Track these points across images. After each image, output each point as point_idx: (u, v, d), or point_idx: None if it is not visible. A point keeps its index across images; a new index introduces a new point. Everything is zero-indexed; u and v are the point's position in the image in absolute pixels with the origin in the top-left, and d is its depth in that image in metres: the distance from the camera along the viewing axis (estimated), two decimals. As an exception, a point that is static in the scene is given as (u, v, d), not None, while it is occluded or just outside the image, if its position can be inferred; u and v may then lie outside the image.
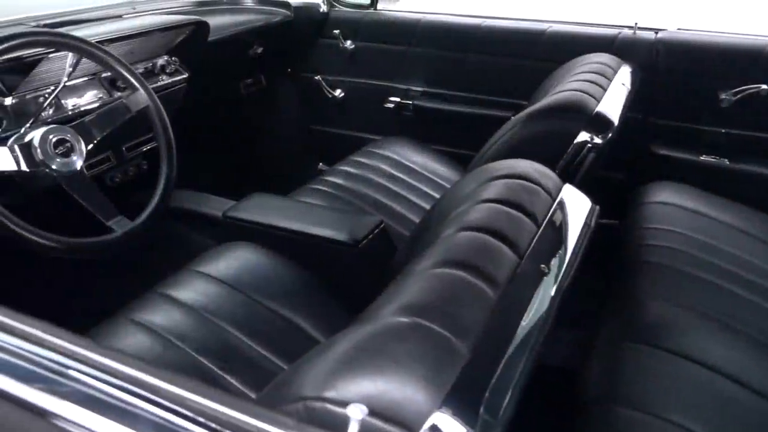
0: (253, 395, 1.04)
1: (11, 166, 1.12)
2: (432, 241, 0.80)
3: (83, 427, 0.51)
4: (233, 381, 1.05)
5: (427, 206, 1.68)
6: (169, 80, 1.66)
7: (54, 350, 0.57)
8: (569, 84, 1.33)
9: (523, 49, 1.92)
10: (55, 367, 0.56)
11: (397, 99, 2.15)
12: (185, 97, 1.74)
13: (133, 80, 1.32)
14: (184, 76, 1.71)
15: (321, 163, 2.44)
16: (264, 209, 1.43)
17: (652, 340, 1.10)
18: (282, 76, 2.37)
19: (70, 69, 1.27)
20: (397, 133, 2.10)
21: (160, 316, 1.15)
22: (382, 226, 1.36)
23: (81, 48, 1.25)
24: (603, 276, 1.40)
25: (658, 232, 1.46)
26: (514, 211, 0.79)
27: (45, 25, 1.55)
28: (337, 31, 2.15)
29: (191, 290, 1.22)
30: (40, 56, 1.26)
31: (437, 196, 1.75)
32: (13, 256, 1.45)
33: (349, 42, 2.17)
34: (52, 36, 1.21)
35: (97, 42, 1.32)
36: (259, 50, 2.15)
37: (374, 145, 1.97)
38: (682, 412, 0.95)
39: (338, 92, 2.27)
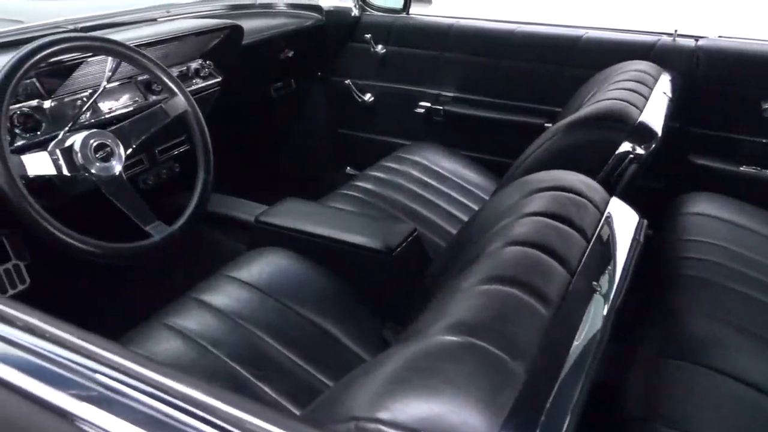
0: (287, 404, 1.03)
1: (51, 170, 1.13)
2: (476, 255, 0.79)
3: None
4: (267, 390, 1.04)
5: (459, 214, 1.66)
6: (203, 84, 1.67)
7: (86, 356, 0.57)
8: (609, 92, 1.31)
9: (558, 56, 1.89)
10: (87, 372, 0.56)
11: (428, 104, 2.13)
12: (217, 100, 1.75)
13: (172, 85, 1.32)
14: (218, 79, 1.72)
15: (348, 167, 2.44)
16: (296, 215, 1.43)
17: (693, 356, 1.07)
18: (312, 80, 2.36)
19: (110, 73, 1.28)
20: (427, 138, 2.09)
21: (194, 321, 1.15)
22: (415, 234, 1.35)
23: (122, 53, 1.26)
24: (639, 288, 1.37)
25: (696, 244, 1.43)
26: (563, 226, 0.77)
27: (82, 29, 1.56)
28: (368, 35, 2.14)
29: (224, 295, 1.21)
30: (80, 60, 1.27)
31: (468, 203, 1.74)
32: (48, 260, 1.47)
33: (380, 46, 2.16)
34: (95, 41, 1.22)
35: (134, 46, 1.32)
36: (290, 54, 2.15)
37: (404, 151, 1.95)
38: None
39: (368, 96, 2.26)
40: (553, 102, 1.89)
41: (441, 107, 2.10)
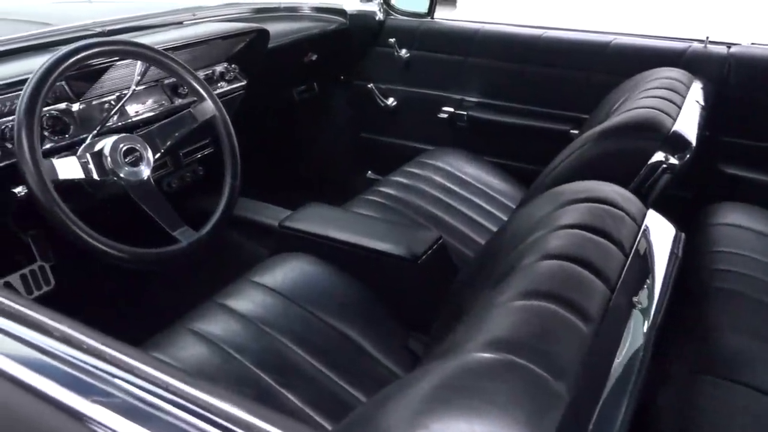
0: (311, 413, 1.02)
1: (81, 175, 1.13)
2: (510, 268, 0.77)
3: None
4: (292, 397, 1.03)
5: (483, 221, 1.65)
6: (228, 87, 1.67)
7: (110, 362, 0.56)
8: (641, 101, 1.28)
9: (585, 62, 1.86)
10: (111, 379, 0.55)
11: (451, 109, 2.11)
12: (241, 104, 1.75)
13: (201, 90, 1.32)
14: (243, 83, 1.72)
15: (370, 172, 2.43)
16: (320, 220, 1.42)
17: (728, 373, 1.04)
18: (334, 84, 2.36)
19: (139, 77, 1.28)
20: (450, 143, 2.07)
21: (218, 326, 1.14)
22: (440, 241, 1.34)
23: (154, 57, 1.26)
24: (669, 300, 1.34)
25: (727, 255, 1.39)
26: (600, 239, 0.75)
27: (109, 32, 1.57)
28: (392, 40, 2.13)
29: (249, 301, 1.21)
30: (109, 63, 1.28)
31: (492, 210, 1.72)
32: (73, 261, 1.48)
33: (404, 50, 2.15)
34: (128, 45, 1.22)
35: (162, 49, 1.33)
36: (314, 57, 2.15)
37: (427, 156, 1.94)
38: None
39: (390, 101, 2.25)
40: (579, 108, 1.86)
41: (465, 112, 2.08)
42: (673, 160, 1.12)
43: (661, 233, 0.84)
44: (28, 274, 1.44)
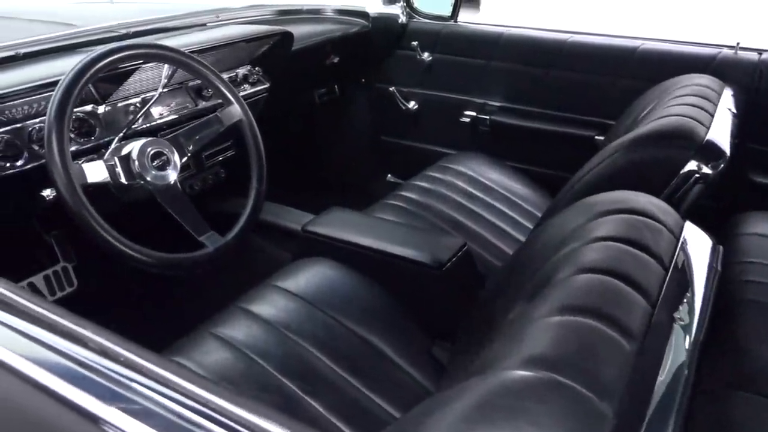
0: (335, 421, 1.01)
1: (108, 178, 1.13)
2: (544, 281, 0.75)
3: None
4: (317, 405, 1.02)
5: (507, 228, 1.63)
6: (251, 90, 1.66)
7: (133, 368, 0.56)
8: (672, 108, 1.26)
9: (611, 67, 1.84)
10: (133, 384, 0.55)
11: (473, 113, 2.09)
12: (264, 106, 1.74)
13: (228, 94, 1.32)
14: (266, 86, 1.71)
15: (390, 175, 2.42)
16: (343, 225, 1.41)
17: (763, 389, 1.02)
18: (356, 86, 2.35)
19: (166, 80, 1.28)
20: (471, 148, 2.06)
21: (242, 332, 1.13)
22: (465, 248, 1.32)
23: (183, 61, 1.26)
24: None
25: (758, 267, 1.36)
26: (638, 252, 0.73)
27: (134, 33, 1.57)
28: (415, 43, 2.12)
29: (272, 306, 1.20)
30: (135, 66, 1.27)
31: (516, 216, 1.70)
32: (95, 261, 1.48)
33: (426, 54, 2.13)
34: (157, 49, 1.22)
35: (188, 52, 1.32)
36: (336, 60, 2.14)
37: (448, 160, 1.92)
38: None
39: (412, 104, 2.23)
40: (604, 114, 1.84)
41: (487, 116, 2.06)
42: (706, 170, 1.10)
43: (698, 246, 0.82)
44: (51, 275, 1.44)
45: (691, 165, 1.10)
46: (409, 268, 1.29)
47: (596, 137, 1.85)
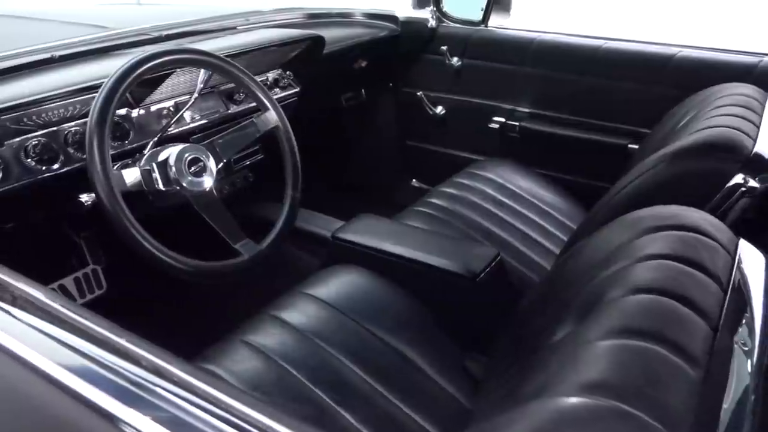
0: (368, 434, 0.99)
1: (145, 184, 1.12)
2: (592, 301, 0.73)
3: None
4: (349, 417, 1.00)
5: (540, 238, 1.60)
6: (282, 94, 1.65)
7: (167, 378, 0.55)
8: (715, 119, 1.22)
9: (647, 75, 1.80)
10: (165, 394, 0.54)
11: (502, 119, 2.06)
12: (294, 110, 1.73)
13: (265, 101, 1.31)
14: (296, 90, 1.70)
15: (414, 180, 2.40)
16: (374, 233, 1.39)
17: None
18: (382, 91, 2.33)
19: (201, 85, 1.27)
20: (499, 154, 2.03)
21: (273, 340, 1.12)
22: (498, 258, 1.30)
23: (221, 67, 1.25)
24: None
25: None
26: (695, 271, 0.70)
27: (166, 36, 1.57)
28: (444, 48, 2.09)
29: (303, 314, 1.18)
30: (171, 70, 1.27)
31: (546, 225, 1.67)
32: (123, 263, 1.47)
33: (455, 59, 2.11)
34: (196, 54, 1.22)
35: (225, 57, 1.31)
36: (363, 64, 2.13)
37: (477, 167, 1.90)
38: None
39: (439, 109, 2.21)
40: (639, 122, 1.80)
41: (516, 123, 2.03)
42: (753, 183, 1.06)
43: (753, 264, 0.79)
44: (81, 277, 1.44)
45: (738, 178, 1.07)
46: (442, 278, 1.26)
47: (630, 145, 1.81)
